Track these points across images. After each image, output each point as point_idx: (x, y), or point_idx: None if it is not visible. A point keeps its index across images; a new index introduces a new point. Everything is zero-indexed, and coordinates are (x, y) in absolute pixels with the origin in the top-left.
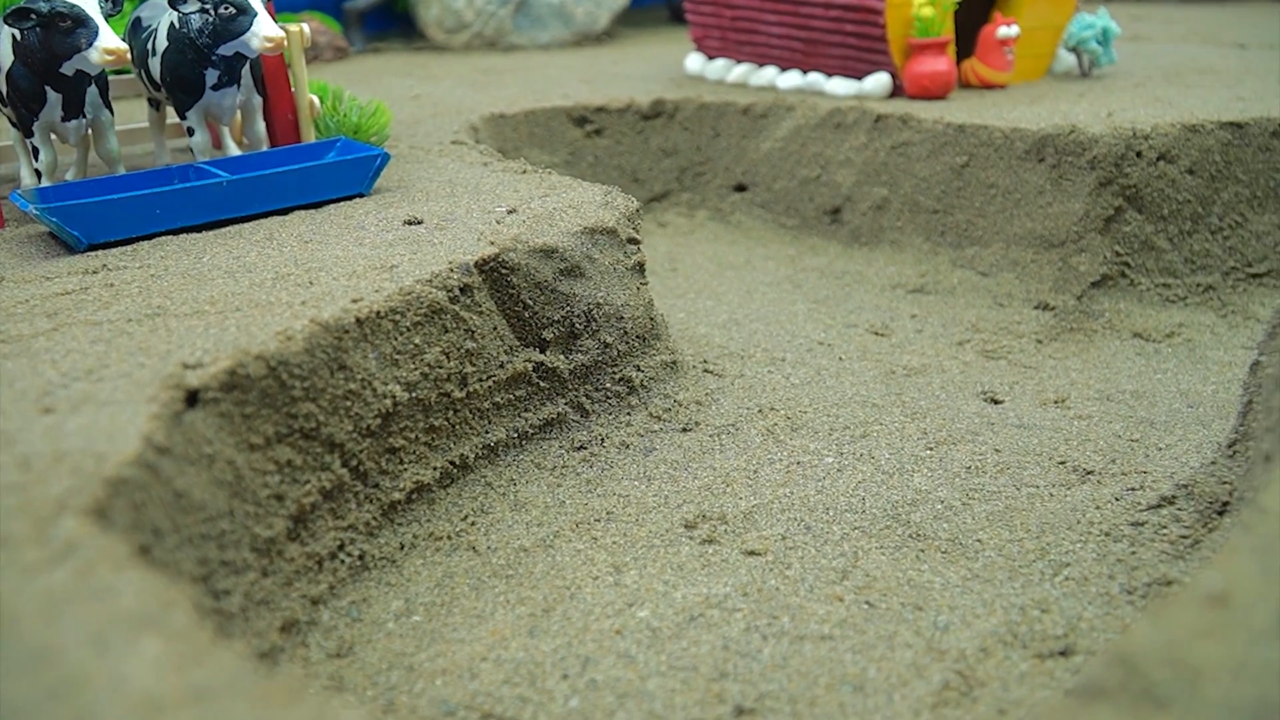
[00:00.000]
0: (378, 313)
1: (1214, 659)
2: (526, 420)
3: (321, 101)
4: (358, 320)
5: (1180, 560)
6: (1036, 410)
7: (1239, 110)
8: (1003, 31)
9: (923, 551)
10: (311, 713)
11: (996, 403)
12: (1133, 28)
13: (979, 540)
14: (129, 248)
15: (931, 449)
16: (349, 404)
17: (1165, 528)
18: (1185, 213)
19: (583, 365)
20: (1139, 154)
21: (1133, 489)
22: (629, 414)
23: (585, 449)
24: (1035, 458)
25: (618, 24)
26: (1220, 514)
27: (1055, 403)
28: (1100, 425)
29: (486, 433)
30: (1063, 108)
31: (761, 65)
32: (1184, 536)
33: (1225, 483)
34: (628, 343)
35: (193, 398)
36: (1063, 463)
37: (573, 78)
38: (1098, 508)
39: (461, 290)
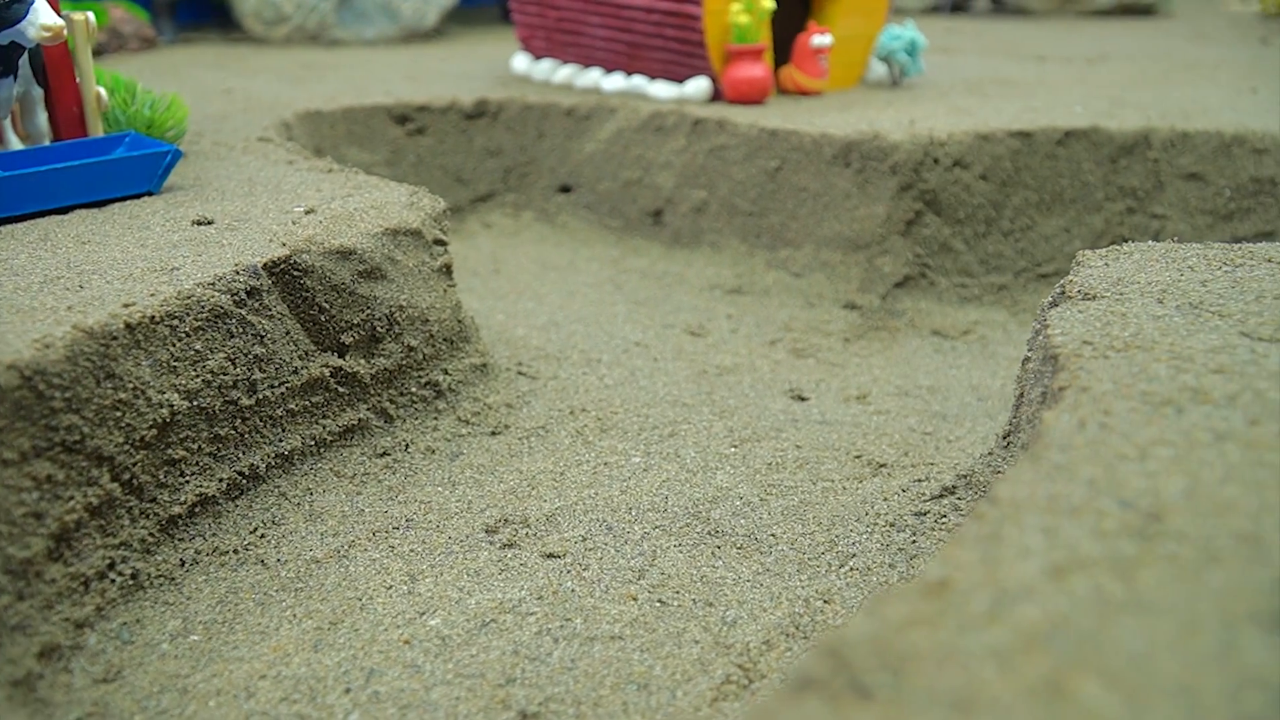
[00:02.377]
0: (152, 318)
1: (922, 648)
2: (325, 427)
3: (112, 94)
4: (128, 326)
5: None
6: (839, 406)
7: (1028, 120)
8: (817, 40)
9: (719, 548)
10: None
11: (802, 400)
12: (945, 40)
13: (773, 535)
14: None
15: (736, 447)
16: (119, 414)
17: (945, 516)
18: (979, 216)
19: (386, 369)
20: (936, 160)
21: (919, 480)
22: (436, 418)
23: (388, 455)
24: (833, 453)
25: (448, 22)
26: None
27: (857, 399)
28: (897, 420)
29: (280, 441)
30: (870, 115)
31: (587, 67)
32: (960, 525)
33: (999, 472)
34: (434, 346)
35: None
36: (859, 457)
37: (397, 75)
38: (885, 499)
39: (248, 293)
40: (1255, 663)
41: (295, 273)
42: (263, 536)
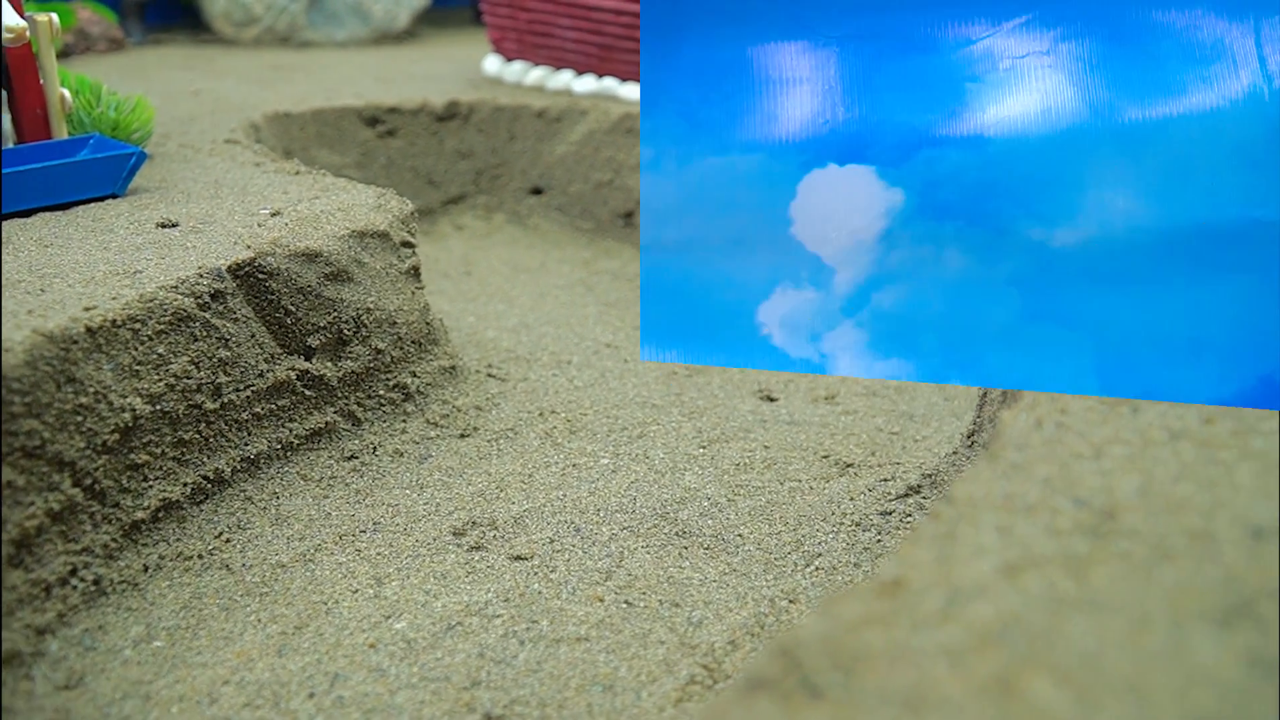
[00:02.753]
0: (114, 321)
1: (874, 647)
2: (291, 431)
3: (76, 96)
4: (89, 330)
5: None
6: (808, 407)
7: None
8: None
9: (686, 549)
10: None
11: (771, 400)
12: None
13: (740, 535)
14: None
15: (704, 447)
16: (80, 419)
17: (910, 516)
18: None
19: (353, 372)
20: None
21: (885, 480)
22: (404, 421)
23: (356, 458)
24: (801, 453)
25: (420, 23)
26: None
27: (826, 399)
28: (864, 420)
29: (246, 445)
30: None
31: (558, 69)
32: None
33: (963, 471)
34: (402, 348)
35: None
36: (826, 457)
37: (367, 77)
38: (852, 499)
39: (212, 296)
40: (1205, 660)
41: (260, 275)
42: (228, 541)
